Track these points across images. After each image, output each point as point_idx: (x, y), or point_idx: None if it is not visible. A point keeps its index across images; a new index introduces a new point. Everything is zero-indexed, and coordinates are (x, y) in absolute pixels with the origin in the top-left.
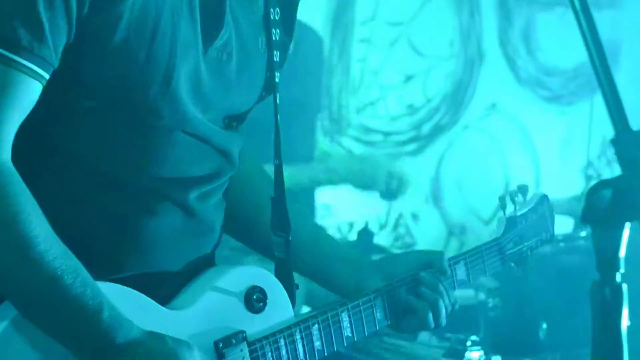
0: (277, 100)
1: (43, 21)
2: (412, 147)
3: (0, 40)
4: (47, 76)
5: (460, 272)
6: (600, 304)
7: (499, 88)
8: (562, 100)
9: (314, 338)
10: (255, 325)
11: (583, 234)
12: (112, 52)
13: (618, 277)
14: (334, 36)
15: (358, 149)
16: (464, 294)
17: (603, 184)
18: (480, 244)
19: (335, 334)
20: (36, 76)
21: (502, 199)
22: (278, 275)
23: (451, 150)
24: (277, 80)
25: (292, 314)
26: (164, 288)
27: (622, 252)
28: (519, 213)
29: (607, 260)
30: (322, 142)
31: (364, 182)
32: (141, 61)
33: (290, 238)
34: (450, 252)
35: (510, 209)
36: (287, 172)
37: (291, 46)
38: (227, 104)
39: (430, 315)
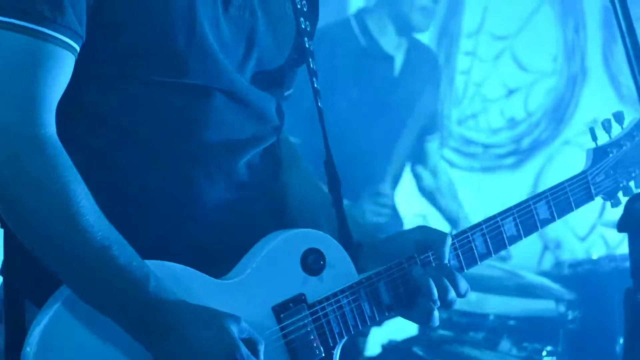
0: (312, 66)
1: None
2: (511, 160)
3: (23, 14)
4: (77, 47)
5: (542, 210)
6: (632, 310)
7: (601, 105)
8: None
9: (381, 294)
10: (316, 287)
11: None
12: (133, 6)
13: None
14: (440, 47)
15: (458, 160)
16: (544, 306)
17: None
18: (565, 180)
19: (404, 287)
20: (66, 46)
21: (592, 129)
22: (339, 236)
23: (550, 165)
24: (307, 46)
25: (356, 274)
26: (219, 262)
27: None
28: (607, 142)
29: None
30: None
31: None
32: (162, 11)
33: (342, 195)
34: (544, 266)
35: (604, 140)
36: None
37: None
38: (255, 62)
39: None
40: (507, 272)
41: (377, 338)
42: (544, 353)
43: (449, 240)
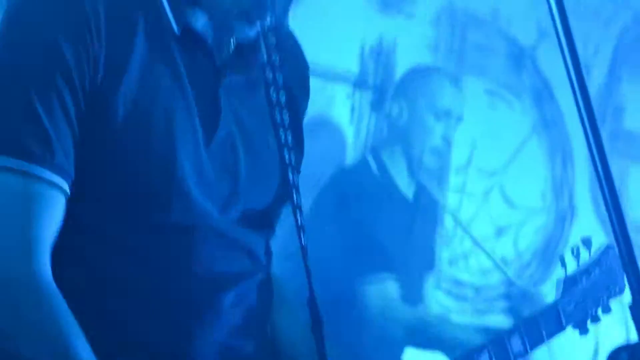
0: (296, 201)
1: (49, 131)
2: (502, 303)
3: (16, 154)
4: (67, 187)
5: (516, 344)
6: None
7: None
8: None
9: None
10: None
11: None
12: (115, 151)
13: None
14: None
15: (450, 303)
16: None
17: (621, 348)
18: (537, 311)
19: None
20: (57, 187)
21: (562, 258)
22: None
23: None
24: (292, 180)
25: None
26: None
27: None
28: (576, 270)
29: None
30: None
31: None
32: (142, 154)
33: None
34: None
35: (573, 267)
36: None
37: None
38: (241, 201)
39: None
40: None
41: None
42: None
43: None
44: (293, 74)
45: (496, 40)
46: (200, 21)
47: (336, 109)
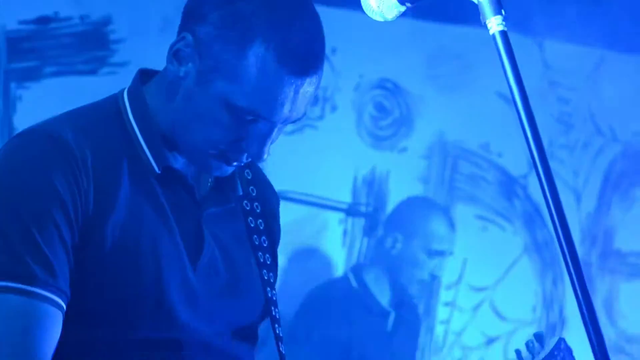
0: (274, 314)
1: (49, 256)
2: None
3: (20, 277)
4: (64, 306)
5: None
6: None
7: (580, 356)
8: None
9: None
10: None
11: None
12: (105, 274)
13: None
14: (420, 297)
15: None
16: None
17: None
18: None
19: None
20: (57, 305)
21: (518, 352)
22: None
23: None
24: (270, 295)
25: None
26: None
27: None
28: None
29: None
30: None
31: None
32: (129, 278)
33: None
34: None
35: None
36: None
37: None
38: (230, 317)
39: None
40: None
41: None
42: None
43: None
44: (267, 204)
45: (487, 171)
46: (179, 162)
47: (329, 233)
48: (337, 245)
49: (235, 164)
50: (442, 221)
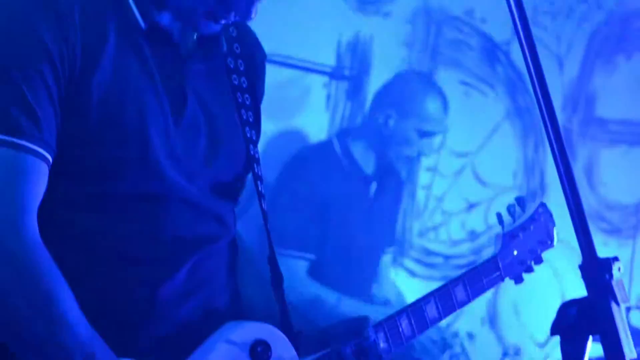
0: (257, 171)
1: (35, 109)
2: None
3: (6, 129)
4: (50, 159)
5: (460, 293)
6: None
7: (560, 220)
8: (622, 233)
9: None
10: None
11: None
12: (91, 129)
13: None
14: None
15: (419, 270)
16: None
17: (571, 302)
18: (478, 264)
19: None
20: (43, 158)
21: (499, 216)
22: (282, 326)
23: None
24: (252, 153)
25: None
26: (176, 354)
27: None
28: (514, 226)
29: None
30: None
31: None
32: (115, 132)
33: (284, 290)
34: None
35: (509, 223)
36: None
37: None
38: (209, 173)
39: None
40: None
41: None
42: None
43: (370, 322)
44: (251, 62)
45: (470, 36)
46: (165, 19)
47: (312, 97)
48: (321, 109)
49: (222, 22)
50: (438, 102)
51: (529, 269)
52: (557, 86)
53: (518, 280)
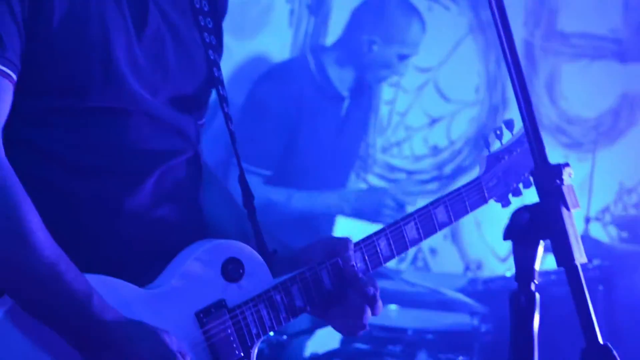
0: (221, 92)
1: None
2: (433, 186)
3: None
4: (15, 77)
5: (441, 214)
6: (516, 310)
7: None
8: (583, 147)
9: (295, 297)
10: (236, 293)
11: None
12: (54, 45)
13: (532, 287)
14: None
15: (382, 184)
16: (459, 320)
17: (523, 208)
18: (461, 186)
19: (316, 291)
20: (7, 76)
21: (486, 138)
22: (256, 245)
23: None
24: (217, 75)
25: (272, 280)
26: (144, 271)
27: (537, 266)
28: (499, 148)
29: (524, 271)
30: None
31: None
32: (79, 48)
33: (255, 207)
34: (473, 285)
35: (496, 147)
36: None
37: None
38: (171, 87)
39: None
40: (428, 288)
41: (299, 350)
42: None
43: (351, 245)
44: None
45: None
46: None
47: (275, 13)
48: (284, 25)
49: None
50: (419, 26)
51: (517, 192)
52: (519, 0)
53: (505, 203)
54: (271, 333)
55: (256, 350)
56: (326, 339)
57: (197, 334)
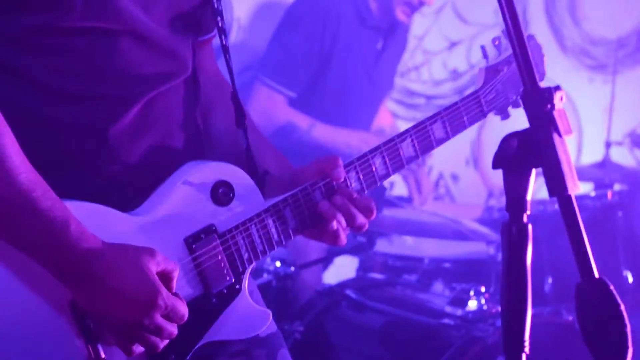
0: (216, 6)
1: None
2: None
3: None
4: None
5: (439, 130)
6: (508, 241)
7: None
8: (607, 69)
9: (287, 219)
10: (226, 217)
11: (592, 194)
12: None
13: (524, 218)
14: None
15: (401, 111)
16: (475, 249)
17: (512, 135)
18: (458, 99)
19: (309, 212)
20: None
21: (483, 48)
22: (247, 166)
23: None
24: (217, 7)
25: (263, 202)
26: (132, 196)
27: (529, 196)
28: (497, 60)
29: (515, 202)
30: None
31: None
32: None
33: (247, 126)
34: (489, 213)
35: (494, 58)
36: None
37: None
38: (163, 5)
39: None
40: (446, 218)
41: (310, 282)
42: (472, 293)
43: (340, 161)
44: None
45: None
46: None
47: None
48: None
49: None
50: None
51: (516, 104)
52: None
53: (504, 116)
54: (270, 261)
55: (247, 276)
56: (339, 269)
57: (186, 260)
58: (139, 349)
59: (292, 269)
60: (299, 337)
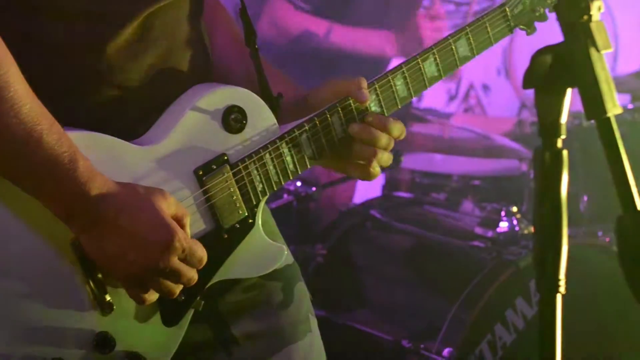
0: None
1: None
2: None
3: None
4: None
5: (463, 47)
6: (541, 168)
7: None
8: None
9: (304, 147)
10: (238, 146)
11: (629, 106)
12: None
13: (559, 143)
14: None
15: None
16: (506, 165)
17: (546, 50)
18: (484, 13)
19: (327, 138)
20: None
21: None
22: (260, 89)
23: None
24: None
25: (278, 129)
26: (137, 120)
27: (564, 119)
28: None
29: (548, 125)
30: None
31: None
32: None
33: (257, 47)
34: (521, 127)
35: None
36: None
37: None
38: None
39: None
40: (477, 134)
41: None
42: (503, 213)
43: (364, 83)
44: None
45: None
46: None
47: None
48: None
49: None
50: None
51: (542, 17)
52: None
53: (531, 29)
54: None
55: (261, 209)
56: (364, 187)
57: (196, 193)
58: (152, 296)
59: (314, 189)
60: (321, 260)
